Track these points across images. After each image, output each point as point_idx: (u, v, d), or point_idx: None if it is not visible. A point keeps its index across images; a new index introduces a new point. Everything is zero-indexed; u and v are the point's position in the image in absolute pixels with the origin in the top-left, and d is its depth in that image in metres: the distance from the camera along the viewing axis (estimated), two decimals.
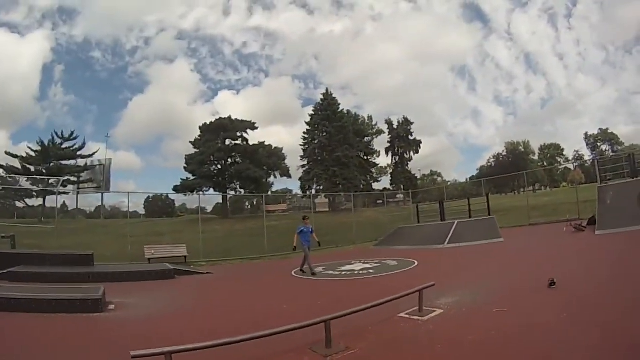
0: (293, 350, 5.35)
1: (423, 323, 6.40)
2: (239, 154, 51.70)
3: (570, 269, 10.11)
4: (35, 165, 47.60)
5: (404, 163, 71.11)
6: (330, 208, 52.14)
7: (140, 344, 4.86)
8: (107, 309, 8.87)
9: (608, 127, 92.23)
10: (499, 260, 13.93)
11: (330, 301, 8.89)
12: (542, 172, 77.43)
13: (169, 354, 4.32)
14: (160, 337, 6.23)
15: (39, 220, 34.79)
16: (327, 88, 62.89)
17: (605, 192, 18.90)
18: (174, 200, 59.02)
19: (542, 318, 6.11)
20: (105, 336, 6.85)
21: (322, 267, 15.44)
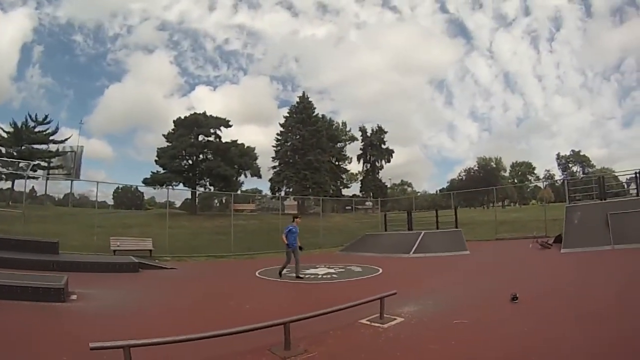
0: (252, 351, 5.36)
1: (383, 330, 6.43)
2: (211, 150, 51.08)
3: (533, 285, 10.31)
4: (6, 147, 46.45)
5: (375, 171, 71.38)
6: (298, 211, 51.18)
7: (99, 336, 4.90)
8: (69, 299, 8.81)
9: (580, 150, 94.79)
10: (463, 273, 14.11)
11: (291, 304, 9.14)
12: (512, 188, 79.01)
13: (127, 348, 4.31)
14: (120, 331, 6.19)
15: (6, 204, 33.96)
16: (304, 91, 62.96)
17: (573, 211, 19.35)
18: (143, 193, 58.30)
19: (503, 331, 6.23)
20: (65, 327, 6.80)
21: (286, 269, 15.14)
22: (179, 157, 49.45)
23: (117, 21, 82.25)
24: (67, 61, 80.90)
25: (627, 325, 6.08)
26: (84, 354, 4.41)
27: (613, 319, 6.55)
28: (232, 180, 51.47)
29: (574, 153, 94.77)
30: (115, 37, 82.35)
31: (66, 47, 78.87)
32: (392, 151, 72.80)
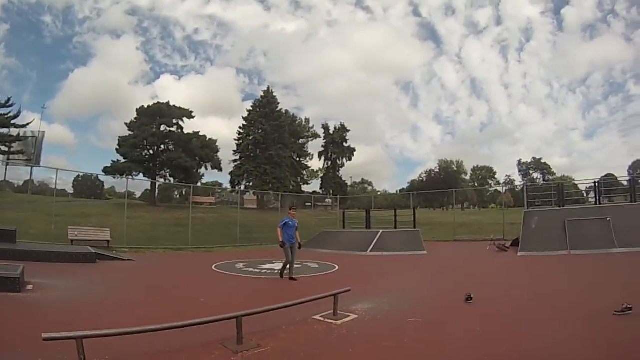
0: (205, 345, 5.36)
1: (337, 327, 6.47)
2: (173, 141, 50.70)
3: (488, 286, 10.59)
4: None
5: (335, 169, 71.84)
6: (258, 206, 51.96)
7: (54, 327, 4.90)
8: (25, 289, 8.75)
9: (542, 157, 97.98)
10: (420, 272, 14.43)
11: (246, 298, 8.98)
12: (472, 191, 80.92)
13: (79, 339, 4.31)
14: (74, 322, 6.12)
15: None
16: (269, 86, 63.18)
17: (531, 216, 19.93)
18: (103, 182, 57.44)
19: (456, 330, 6.39)
20: (20, 317, 6.71)
21: (243, 264, 15.65)
22: (140, 146, 48.91)
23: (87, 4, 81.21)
24: (33, 42, 79.19)
25: (568, 329, 6.26)
26: (38, 345, 4.47)
27: (560, 321, 6.69)
28: (193, 173, 51.21)
29: (535, 160, 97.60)
30: (84, 20, 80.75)
31: (34, 28, 77.08)
32: (354, 149, 73.61)
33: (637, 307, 6.78)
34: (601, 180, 25.36)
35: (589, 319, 6.81)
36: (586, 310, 7.51)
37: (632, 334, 5.87)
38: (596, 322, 6.56)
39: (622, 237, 16.75)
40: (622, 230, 17.03)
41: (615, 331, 6.05)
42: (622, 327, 6.23)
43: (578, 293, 9.43)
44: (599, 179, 24.69)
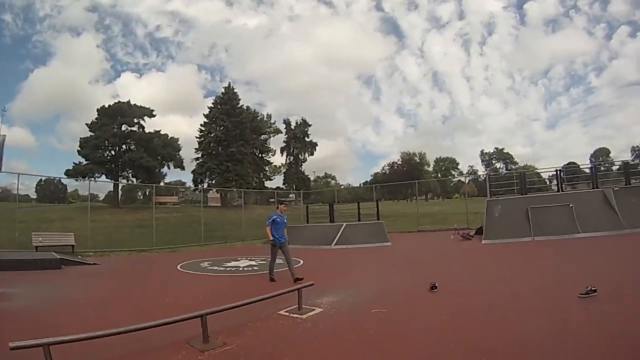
0: (171, 345, 5.34)
1: (302, 321, 6.50)
2: (134, 141, 50.25)
3: (453, 275, 10.73)
4: None
5: (298, 164, 72.64)
6: (221, 203, 51.99)
7: (21, 335, 4.78)
8: None
9: (504, 147, 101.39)
10: (384, 263, 14.36)
11: (212, 297, 8.93)
12: (435, 182, 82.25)
13: (46, 346, 4.28)
14: (41, 329, 6.10)
15: None
16: (230, 82, 63.27)
17: (494, 205, 20.27)
18: (66, 185, 56.42)
19: (422, 319, 6.49)
20: None
21: (208, 262, 15.66)
22: (102, 147, 48.41)
23: (49, 1, 79.21)
24: None
25: (534, 313, 6.36)
26: (5, 354, 4.44)
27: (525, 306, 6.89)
28: (155, 172, 50.96)
29: (498, 150, 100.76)
30: (45, 17, 78.56)
31: None
32: (316, 144, 74.64)
33: (601, 290, 7.07)
34: (563, 169, 26.28)
35: (554, 302, 6.99)
36: (551, 294, 7.73)
37: (596, 315, 6.09)
38: (561, 305, 6.75)
39: (584, 222, 17.40)
40: (584, 216, 17.70)
41: (579, 313, 6.26)
42: (586, 309, 6.44)
43: (542, 277, 9.63)
44: (561, 167, 25.42)
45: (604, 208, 18.17)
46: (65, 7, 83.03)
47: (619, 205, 17.87)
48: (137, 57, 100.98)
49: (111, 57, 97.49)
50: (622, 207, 17.79)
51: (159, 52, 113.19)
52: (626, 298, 6.94)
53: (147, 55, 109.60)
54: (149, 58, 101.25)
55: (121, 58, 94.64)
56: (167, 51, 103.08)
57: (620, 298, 6.95)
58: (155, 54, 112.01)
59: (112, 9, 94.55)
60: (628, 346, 4.78)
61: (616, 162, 48.73)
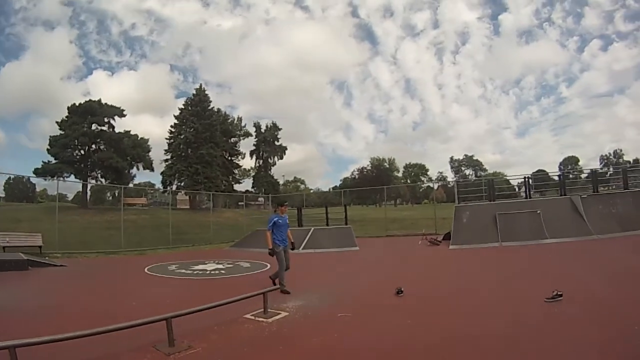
0: (138, 349, 5.33)
1: (267, 325, 6.54)
2: (104, 141, 49.59)
3: (420, 279, 10.93)
4: None
5: (267, 167, 72.77)
6: (190, 206, 51.88)
7: None
8: None
9: (474, 154, 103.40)
10: (351, 268, 14.49)
11: (179, 300, 8.76)
12: (404, 188, 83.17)
13: (12, 348, 4.26)
14: (7, 331, 5.89)
15: None
16: (202, 84, 64.11)
17: (462, 211, 20.49)
18: (35, 185, 55.49)
19: (386, 324, 6.52)
20: None
21: (175, 265, 15.59)
22: (71, 146, 47.70)
23: None
24: None
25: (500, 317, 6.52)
26: None
27: (492, 310, 7.06)
28: (124, 173, 50.41)
29: (467, 157, 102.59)
30: (20, 9, 76.35)
31: None
32: (285, 148, 74.96)
33: (567, 294, 7.22)
34: (532, 176, 26.97)
35: (521, 307, 7.12)
36: (517, 298, 7.86)
37: (562, 319, 6.18)
38: (527, 310, 6.88)
39: (552, 228, 17.70)
40: (552, 222, 18.02)
41: (545, 317, 6.34)
42: (552, 313, 6.53)
43: (509, 282, 9.81)
44: (530, 175, 26.07)
45: (571, 215, 18.61)
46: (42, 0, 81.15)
47: (586, 212, 18.33)
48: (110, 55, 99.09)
49: (84, 53, 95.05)
50: (590, 214, 18.27)
51: (133, 50, 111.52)
52: (591, 303, 7.13)
53: (120, 54, 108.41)
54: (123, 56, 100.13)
55: (94, 55, 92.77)
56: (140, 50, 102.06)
57: (586, 303, 7.14)
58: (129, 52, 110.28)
59: (88, 5, 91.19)
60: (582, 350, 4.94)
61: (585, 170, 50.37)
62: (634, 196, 19.45)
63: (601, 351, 4.79)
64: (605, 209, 18.86)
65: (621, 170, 25.16)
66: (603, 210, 18.72)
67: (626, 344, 4.96)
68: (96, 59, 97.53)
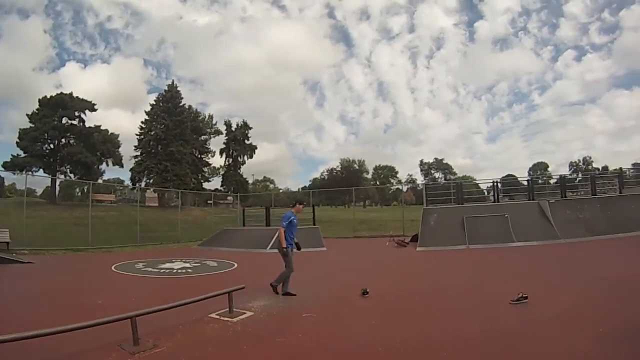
0: (103, 347, 5.31)
1: (232, 324, 6.56)
2: (74, 135, 49.05)
3: (386, 280, 10.97)
4: None
5: (237, 166, 72.68)
6: (159, 204, 51.70)
7: None
8: None
9: (444, 158, 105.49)
10: (318, 268, 14.31)
11: (145, 299, 8.72)
12: (374, 190, 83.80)
13: None
14: None
15: None
16: (174, 80, 63.63)
17: (430, 213, 21.01)
18: (4, 179, 54.40)
19: (351, 324, 6.66)
20: None
21: (143, 263, 15.57)
22: (41, 140, 47.23)
23: None
24: None
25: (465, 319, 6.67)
26: None
27: (457, 312, 7.23)
28: (94, 169, 50.03)
29: (437, 160, 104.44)
30: None
31: None
32: (255, 147, 75.01)
33: (532, 296, 7.36)
34: (501, 180, 27.69)
35: (486, 309, 7.25)
36: (483, 300, 8.02)
37: (526, 321, 6.35)
38: (492, 311, 7.04)
39: (519, 232, 18.19)
40: (520, 226, 18.53)
41: (510, 319, 6.56)
42: (517, 315, 6.75)
43: (475, 284, 9.98)
44: (499, 179, 26.81)
45: (539, 219, 19.21)
46: None
47: (554, 216, 18.93)
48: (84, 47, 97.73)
49: (59, 44, 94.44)
50: (557, 218, 18.86)
51: (108, 44, 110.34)
52: (556, 305, 7.34)
53: (95, 46, 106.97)
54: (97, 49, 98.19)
55: (69, 47, 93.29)
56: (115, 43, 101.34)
57: (551, 305, 7.33)
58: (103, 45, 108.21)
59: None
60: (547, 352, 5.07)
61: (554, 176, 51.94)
62: (601, 202, 20.37)
63: (567, 352, 5.02)
64: (572, 214, 19.54)
65: (589, 177, 25.99)
66: (570, 215, 19.40)
67: (591, 345, 5.13)
68: (70, 50, 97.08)
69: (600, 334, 5.45)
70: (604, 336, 5.39)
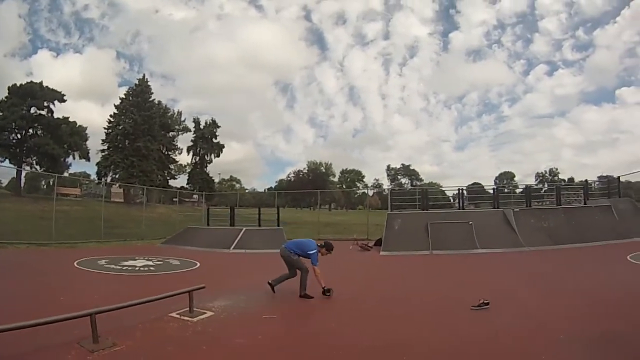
0: (62, 345, 5.25)
1: (192, 324, 6.53)
2: (42, 126, 48.59)
3: (347, 283, 10.79)
4: None
5: (203, 164, 72.93)
6: (124, 199, 51.06)
7: None
8: None
9: (411, 164, 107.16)
10: (279, 270, 12.85)
11: (105, 296, 8.73)
12: (339, 193, 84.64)
13: None
14: None
15: None
16: (145, 74, 63.93)
17: (395, 218, 21.01)
18: None
19: (311, 326, 6.86)
20: None
21: (105, 260, 15.36)
22: (8, 129, 46.68)
23: None
24: None
25: (425, 324, 6.78)
26: None
27: (417, 316, 7.31)
28: (60, 161, 49.57)
29: (404, 166, 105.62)
30: None
31: None
32: (223, 146, 75.48)
33: (494, 302, 7.45)
34: (467, 188, 28.19)
35: (446, 314, 7.32)
36: (444, 305, 8.06)
37: (486, 327, 6.42)
38: (453, 317, 7.07)
39: (483, 239, 18.39)
40: (484, 233, 18.73)
41: (470, 325, 6.56)
42: (477, 321, 6.78)
43: (436, 290, 10.00)
44: (465, 187, 27.38)
45: (503, 227, 19.53)
46: None
47: (518, 224, 19.30)
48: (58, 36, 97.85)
49: (33, 31, 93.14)
50: (521, 227, 19.23)
51: (82, 33, 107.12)
52: (517, 311, 7.45)
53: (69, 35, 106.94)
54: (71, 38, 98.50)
55: (43, 34, 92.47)
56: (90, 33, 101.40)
57: (512, 311, 7.44)
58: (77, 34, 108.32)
59: None
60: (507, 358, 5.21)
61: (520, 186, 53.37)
62: (565, 212, 20.94)
63: (525, 359, 5.13)
64: (537, 223, 19.93)
65: (555, 187, 27.12)
66: (535, 224, 19.81)
67: (550, 351, 5.21)
68: (44, 38, 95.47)
69: (560, 341, 5.61)
70: (563, 342, 5.56)
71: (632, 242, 17.51)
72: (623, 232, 18.95)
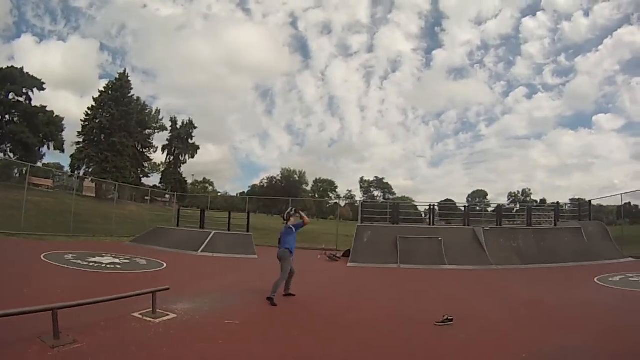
0: (23, 340, 5.24)
1: (154, 325, 6.50)
2: (19, 113, 48.30)
3: (312, 292, 10.95)
4: None
5: (177, 164, 72.98)
6: (96, 195, 49.82)
7: None
8: None
9: (385, 177, 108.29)
10: (246, 275, 14.47)
11: (69, 291, 8.62)
12: (311, 202, 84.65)
13: None
14: None
15: None
16: (125, 69, 62.68)
17: (364, 230, 21.12)
18: None
19: (272, 334, 6.78)
20: None
21: (72, 255, 15.19)
22: None
23: None
24: None
25: (387, 337, 6.83)
26: None
27: (379, 329, 7.33)
28: (34, 151, 49.22)
29: (378, 179, 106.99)
30: None
31: None
32: (198, 147, 75.80)
33: (459, 319, 7.40)
34: (438, 204, 28.81)
35: (409, 328, 7.36)
36: (407, 319, 8.09)
37: (449, 343, 6.48)
38: (415, 331, 7.12)
39: (452, 255, 18.53)
40: (452, 250, 18.92)
41: (433, 340, 6.64)
42: (440, 336, 6.81)
43: (401, 303, 10.08)
44: (437, 203, 28.11)
45: (473, 244, 19.66)
46: None
47: (487, 243, 19.37)
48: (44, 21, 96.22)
49: (19, 14, 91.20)
50: (491, 245, 19.30)
51: (68, 21, 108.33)
52: (482, 328, 7.50)
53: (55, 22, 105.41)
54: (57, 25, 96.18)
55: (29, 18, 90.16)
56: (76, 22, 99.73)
57: (476, 327, 7.44)
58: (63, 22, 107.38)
59: None
60: None
61: (492, 205, 54.50)
62: (535, 233, 21.24)
63: None
64: (506, 242, 20.01)
65: (526, 208, 27.69)
66: (504, 243, 19.87)
67: None
68: (30, 22, 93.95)
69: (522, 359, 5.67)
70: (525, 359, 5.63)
71: (600, 264, 17.83)
72: (592, 254, 19.23)
